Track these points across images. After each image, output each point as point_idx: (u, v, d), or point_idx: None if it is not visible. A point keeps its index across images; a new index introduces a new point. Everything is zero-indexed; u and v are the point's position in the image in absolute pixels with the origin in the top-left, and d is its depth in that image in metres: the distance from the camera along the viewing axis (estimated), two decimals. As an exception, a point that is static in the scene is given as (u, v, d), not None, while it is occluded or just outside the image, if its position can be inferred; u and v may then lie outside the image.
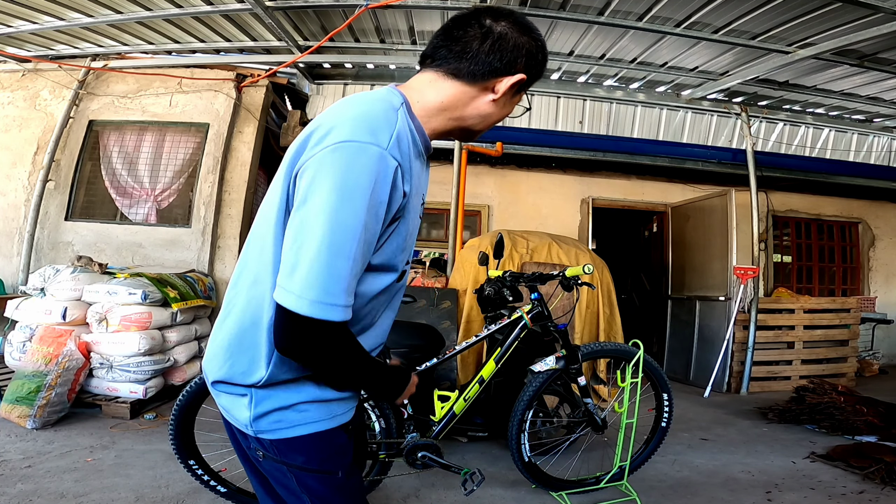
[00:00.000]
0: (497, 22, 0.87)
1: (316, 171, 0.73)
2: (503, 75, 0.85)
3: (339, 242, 0.71)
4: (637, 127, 5.56)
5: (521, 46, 0.87)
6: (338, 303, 0.72)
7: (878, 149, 6.02)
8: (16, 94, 4.87)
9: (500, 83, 0.86)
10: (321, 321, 0.71)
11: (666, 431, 2.47)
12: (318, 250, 0.70)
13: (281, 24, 4.14)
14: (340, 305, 0.72)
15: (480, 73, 0.85)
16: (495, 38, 0.85)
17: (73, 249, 4.48)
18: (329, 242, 0.70)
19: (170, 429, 1.90)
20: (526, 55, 0.87)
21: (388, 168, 0.74)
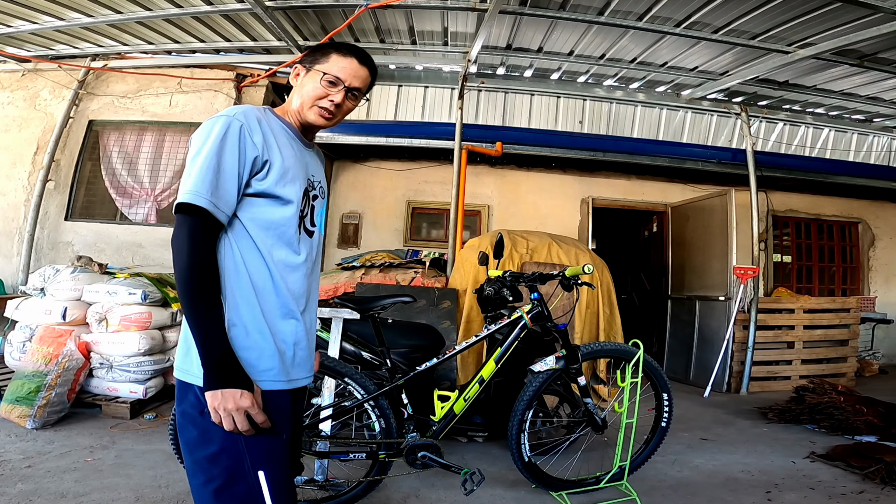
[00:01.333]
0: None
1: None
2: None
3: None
4: (637, 127, 5.56)
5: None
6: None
7: (878, 149, 6.02)
8: (16, 94, 4.88)
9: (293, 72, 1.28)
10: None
11: (666, 431, 2.47)
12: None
13: (281, 24, 4.14)
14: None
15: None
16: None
17: (73, 249, 4.48)
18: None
19: (170, 429, 1.90)
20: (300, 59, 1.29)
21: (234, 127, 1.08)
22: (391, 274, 4.18)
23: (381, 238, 6.18)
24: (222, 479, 1.00)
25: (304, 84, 1.24)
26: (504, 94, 5.43)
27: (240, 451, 1.00)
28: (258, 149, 1.09)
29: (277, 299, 1.10)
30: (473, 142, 5.15)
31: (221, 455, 1.00)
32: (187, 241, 1.00)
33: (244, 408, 0.97)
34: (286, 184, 1.12)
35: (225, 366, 0.99)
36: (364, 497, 2.07)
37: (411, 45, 4.69)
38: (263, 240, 1.09)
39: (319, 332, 2.45)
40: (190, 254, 0.99)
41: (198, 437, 1.02)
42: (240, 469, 1.01)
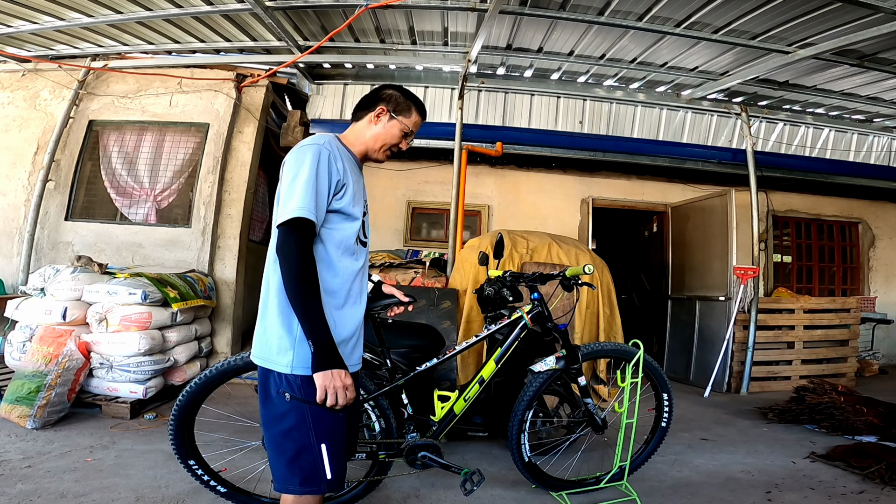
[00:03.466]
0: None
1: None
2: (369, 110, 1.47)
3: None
4: (637, 127, 5.56)
5: (380, 93, 1.51)
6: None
7: (878, 149, 6.02)
8: (16, 94, 4.87)
9: (371, 114, 1.46)
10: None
11: (666, 431, 2.47)
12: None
13: (281, 24, 4.14)
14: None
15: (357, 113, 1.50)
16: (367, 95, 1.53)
17: (73, 249, 4.48)
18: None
19: (170, 429, 1.90)
20: (383, 97, 1.48)
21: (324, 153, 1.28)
22: (391, 274, 4.18)
23: (381, 238, 6.18)
24: (293, 451, 1.21)
25: (386, 128, 1.46)
26: (504, 94, 5.43)
27: (307, 427, 1.20)
28: (340, 173, 1.30)
29: (341, 299, 1.31)
30: (473, 142, 5.15)
31: (293, 431, 1.20)
32: (298, 247, 1.20)
33: (348, 385, 1.17)
34: (355, 203, 1.34)
35: (332, 350, 1.18)
36: (364, 497, 2.07)
37: (411, 45, 4.69)
38: (334, 249, 1.30)
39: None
40: (301, 258, 1.19)
41: (275, 415, 1.22)
42: (307, 442, 1.20)
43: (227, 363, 1.93)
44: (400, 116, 1.45)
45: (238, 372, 1.94)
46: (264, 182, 5.87)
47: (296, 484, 1.21)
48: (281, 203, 1.24)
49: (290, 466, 1.21)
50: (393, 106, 1.45)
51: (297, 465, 1.20)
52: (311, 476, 1.20)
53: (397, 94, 1.48)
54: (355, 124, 1.49)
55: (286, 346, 1.23)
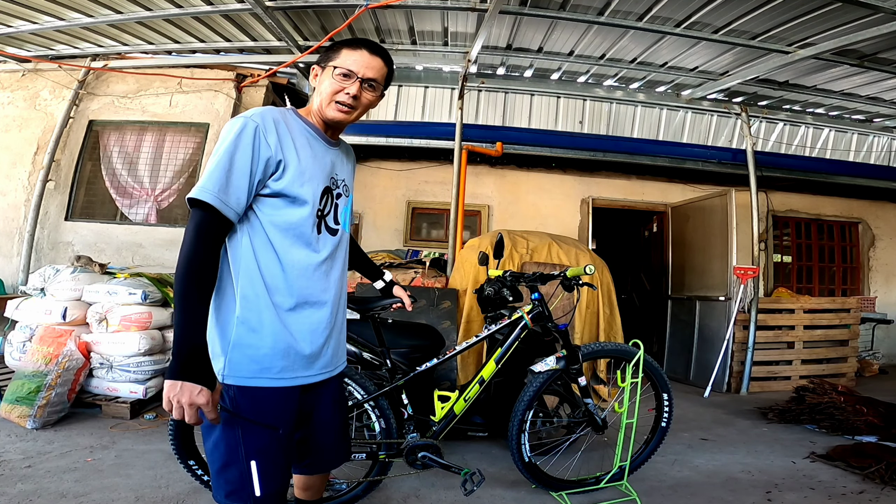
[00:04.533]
0: None
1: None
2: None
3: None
4: (637, 127, 5.56)
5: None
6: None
7: (878, 149, 6.03)
8: (16, 94, 4.88)
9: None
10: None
11: (666, 431, 2.47)
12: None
13: (281, 24, 4.14)
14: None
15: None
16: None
17: (73, 249, 4.48)
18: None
19: (169, 429, 1.90)
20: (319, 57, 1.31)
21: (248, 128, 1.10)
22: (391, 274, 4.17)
23: (381, 238, 6.18)
24: (220, 462, 1.13)
25: (321, 82, 1.26)
26: (504, 94, 5.43)
27: (237, 441, 1.11)
28: (272, 149, 1.12)
29: (291, 298, 1.15)
30: (473, 142, 5.15)
31: (220, 443, 1.12)
32: (192, 233, 1.04)
33: (198, 404, 0.98)
34: (303, 184, 1.16)
35: (193, 360, 1.00)
36: (364, 497, 2.07)
37: (411, 45, 4.69)
38: (280, 239, 1.14)
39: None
40: (192, 246, 1.04)
41: (207, 423, 1.10)
42: (234, 456, 1.11)
43: None
44: (329, 62, 1.24)
45: None
46: (264, 182, 5.87)
47: (222, 495, 1.14)
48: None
49: (217, 477, 1.13)
50: (323, 59, 1.27)
51: (223, 478, 1.13)
52: (237, 490, 1.12)
53: (329, 46, 1.31)
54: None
55: (218, 350, 1.11)
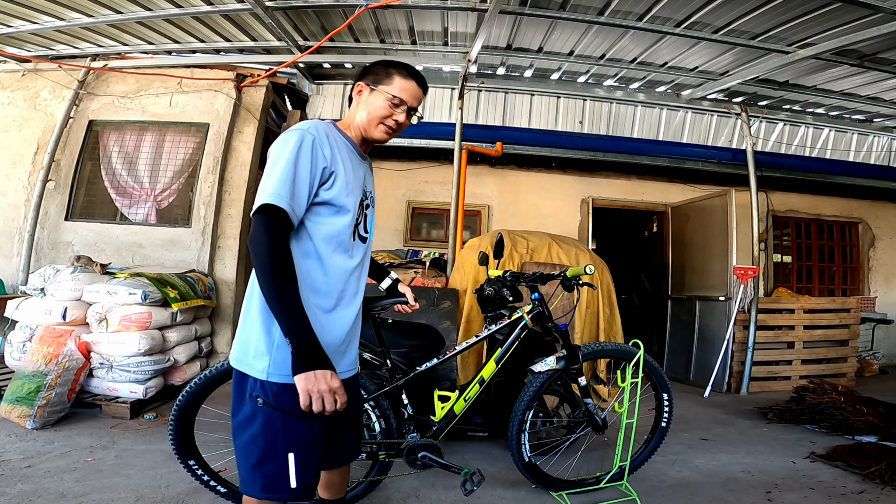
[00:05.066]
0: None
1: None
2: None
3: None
4: (637, 127, 5.56)
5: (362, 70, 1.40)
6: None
7: (878, 149, 6.03)
8: (16, 94, 4.87)
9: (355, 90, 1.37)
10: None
11: (666, 431, 2.47)
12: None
13: (281, 24, 4.14)
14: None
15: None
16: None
17: (73, 249, 4.48)
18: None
19: (169, 429, 1.90)
20: (362, 72, 1.37)
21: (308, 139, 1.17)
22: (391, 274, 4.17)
23: (381, 238, 6.17)
24: (257, 457, 1.15)
25: (369, 102, 1.33)
26: (504, 94, 5.43)
27: (276, 435, 1.14)
28: (327, 160, 1.19)
29: (332, 300, 1.23)
30: (473, 142, 5.15)
31: (259, 438, 1.15)
32: (267, 234, 1.09)
33: (334, 387, 1.07)
34: (348, 194, 1.24)
35: (315, 348, 1.07)
36: (364, 497, 2.07)
37: (411, 45, 4.69)
38: (325, 245, 1.21)
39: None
40: (271, 246, 1.09)
41: (245, 419, 1.16)
42: (273, 450, 1.14)
43: (227, 363, 1.92)
44: (380, 86, 1.31)
45: None
46: (264, 182, 5.87)
47: (257, 489, 1.17)
48: (260, 188, 1.14)
49: (252, 472, 1.16)
50: (371, 79, 1.33)
51: (259, 472, 1.16)
52: (273, 484, 1.16)
53: (377, 65, 1.36)
54: (349, 109, 1.41)
55: (263, 350, 1.16)
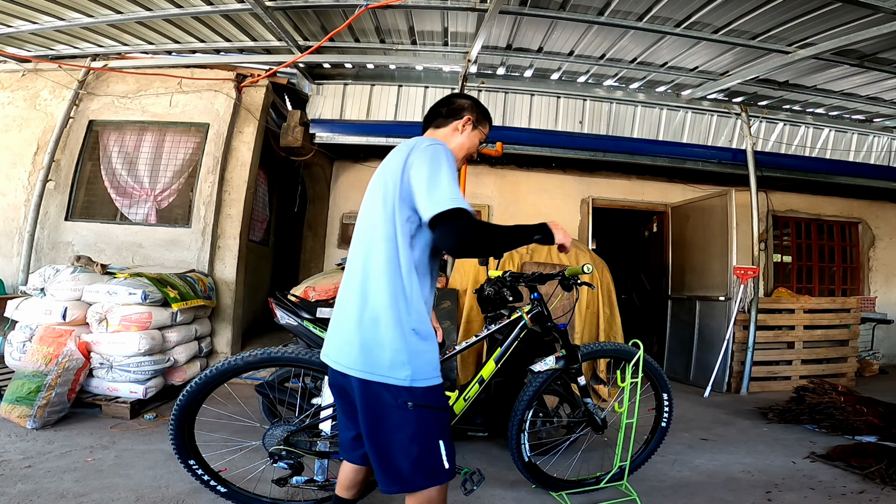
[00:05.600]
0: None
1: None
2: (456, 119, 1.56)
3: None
4: (637, 127, 5.56)
5: (459, 102, 1.59)
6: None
7: (878, 149, 6.02)
8: (16, 94, 4.87)
9: (459, 122, 1.56)
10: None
11: (666, 431, 2.47)
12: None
13: (281, 24, 4.14)
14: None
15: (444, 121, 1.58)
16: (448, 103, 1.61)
17: (73, 249, 4.48)
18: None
19: (170, 429, 1.90)
20: (466, 106, 1.57)
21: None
22: (391, 274, 4.17)
23: (381, 238, 6.17)
24: (417, 452, 1.27)
25: (470, 138, 1.56)
26: (504, 94, 5.43)
27: (429, 428, 1.28)
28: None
29: (430, 306, 1.39)
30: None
31: (417, 435, 1.27)
32: (478, 222, 1.24)
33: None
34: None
35: (539, 225, 1.40)
36: (364, 497, 2.07)
37: (411, 45, 4.69)
38: (434, 253, 1.37)
39: (319, 332, 2.44)
40: (483, 224, 1.27)
41: (396, 424, 1.27)
42: (429, 442, 1.28)
43: (227, 363, 1.93)
44: (480, 126, 1.56)
45: (238, 372, 1.94)
46: (264, 182, 5.87)
47: (421, 480, 1.28)
48: (428, 192, 1.22)
49: (414, 466, 1.27)
50: (476, 116, 1.54)
51: (421, 464, 1.28)
52: (434, 470, 1.29)
53: (476, 104, 1.57)
54: (436, 131, 1.55)
55: (403, 360, 1.26)
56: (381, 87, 5.34)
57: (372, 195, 1.40)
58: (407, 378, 1.26)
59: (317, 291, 4.00)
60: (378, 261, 1.29)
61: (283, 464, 1.90)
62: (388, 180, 1.33)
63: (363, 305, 1.30)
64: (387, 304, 1.27)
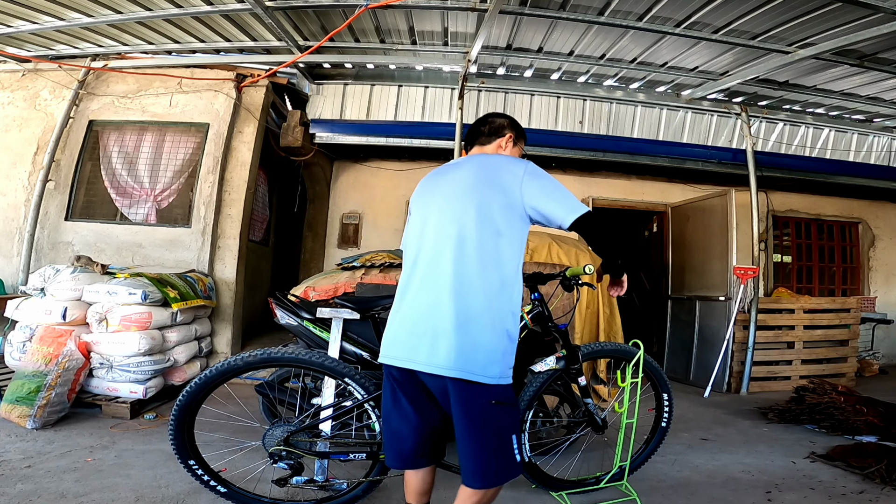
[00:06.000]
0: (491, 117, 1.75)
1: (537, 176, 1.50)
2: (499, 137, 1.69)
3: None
4: (637, 127, 5.56)
5: (502, 120, 1.73)
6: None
7: (878, 149, 6.02)
8: (16, 94, 4.87)
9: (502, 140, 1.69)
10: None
11: (666, 431, 2.47)
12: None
13: (281, 24, 4.14)
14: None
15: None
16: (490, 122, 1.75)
17: (73, 249, 4.48)
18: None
19: (170, 429, 1.90)
20: (508, 125, 1.71)
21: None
22: (391, 274, 4.17)
23: (381, 238, 6.18)
24: (500, 448, 1.41)
25: (513, 152, 1.70)
26: (504, 94, 5.43)
27: (509, 424, 1.44)
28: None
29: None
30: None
31: (503, 431, 1.41)
32: (596, 218, 1.48)
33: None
34: None
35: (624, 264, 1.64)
36: (364, 497, 2.07)
37: (411, 45, 4.69)
38: (520, 263, 1.50)
39: (319, 332, 2.44)
40: (599, 222, 1.49)
41: (487, 422, 1.38)
42: (509, 437, 1.43)
43: (226, 363, 1.92)
44: (520, 142, 1.71)
45: (238, 372, 1.94)
46: (264, 182, 5.87)
47: (504, 474, 1.40)
48: (560, 201, 1.45)
49: (500, 461, 1.38)
50: (515, 133, 1.68)
51: (504, 459, 1.39)
52: (511, 465, 1.41)
53: (513, 122, 1.70)
54: (483, 149, 1.67)
55: (496, 359, 1.36)
56: (381, 87, 5.35)
57: (454, 202, 1.46)
58: (496, 376, 1.35)
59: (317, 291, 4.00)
60: (474, 266, 1.37)
61: (283, 464, 1.90)
62: (487, 192, 1.43)
63: (459, 307, 1.35)
64: (485, 306, 1.35)
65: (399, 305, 1.50)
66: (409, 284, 1.47)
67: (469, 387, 1.34)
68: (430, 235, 1.47)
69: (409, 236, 1.60)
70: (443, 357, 1.32)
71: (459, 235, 1.40)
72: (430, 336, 1.36)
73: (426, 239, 1.47)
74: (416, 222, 1.55)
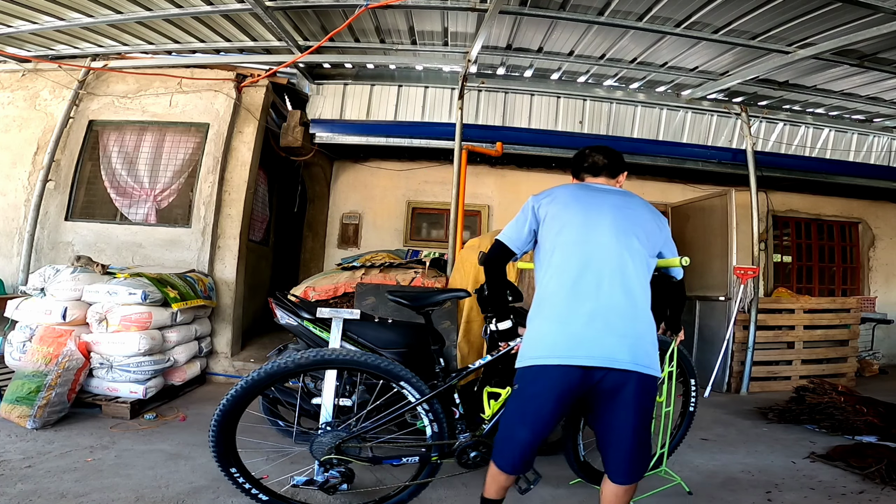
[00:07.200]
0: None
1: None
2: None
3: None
4: (637, 127, 5.55)
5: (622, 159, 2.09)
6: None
7: (878, 149, 6.02)
8: (16, 94, 4.87)
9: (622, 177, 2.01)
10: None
11: (693, 416, 2.58)
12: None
13: (281, 24, 4.14)
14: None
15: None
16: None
17: (73, 249, 4.48)
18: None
19: (210, 435, 1.79)
20: (623, 163, 2.06)
21: None
22: (391, 274, 4.17)
23: (381, 238, 6.18)
24: (648, 439, 1.57)
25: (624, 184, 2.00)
26: (504, 94, 5.43)
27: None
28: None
29: None
30: (473, 142, 5.15)
31: (649, 423, 1.57)
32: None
33: None
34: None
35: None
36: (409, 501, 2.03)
37: (411, 45, 4.69)
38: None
39: (319, 332, 2.44)
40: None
41: (649, 413, 1.54)
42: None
43: (275, 365, 1.80)
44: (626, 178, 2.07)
45: (289, 375, 1.83)
46: (264, 182, 5.87)
47: (648, 464, 1.55)
48: (675, 254, 1.82)
49: (648, 452, 1.54)
50: (627, 171, 2.05)
51: (649, 450, 1.56)
52: (650, 455, 1.60)
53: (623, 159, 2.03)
54: (614, 181, 2.00)
55: (656, 354, 1.55)
56: (381, 87, 5.34)
57: (625, 222, 1.67)
58: (658, 369, 1.53)
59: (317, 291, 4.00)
60: (639, 275, 1.59)
61: (334, 471, 1.85)
62: (642, 227, 1.69)
63: (634, 306, 1.53)
64: (647, 306, 1.56)
65: (574, 307, 1.54)
66: (584, 287, 1.55)
67: (652, 381, 1.52)
68: (607, 245, 1.61)
69: (567, 239, 1.66)
70: (643, 356, 1.48)
71: (634, 250, 1.62)
72: (633, 337, 1.50)
73: (602, 247, 1.61)
74: (578, 229, 1.66)
